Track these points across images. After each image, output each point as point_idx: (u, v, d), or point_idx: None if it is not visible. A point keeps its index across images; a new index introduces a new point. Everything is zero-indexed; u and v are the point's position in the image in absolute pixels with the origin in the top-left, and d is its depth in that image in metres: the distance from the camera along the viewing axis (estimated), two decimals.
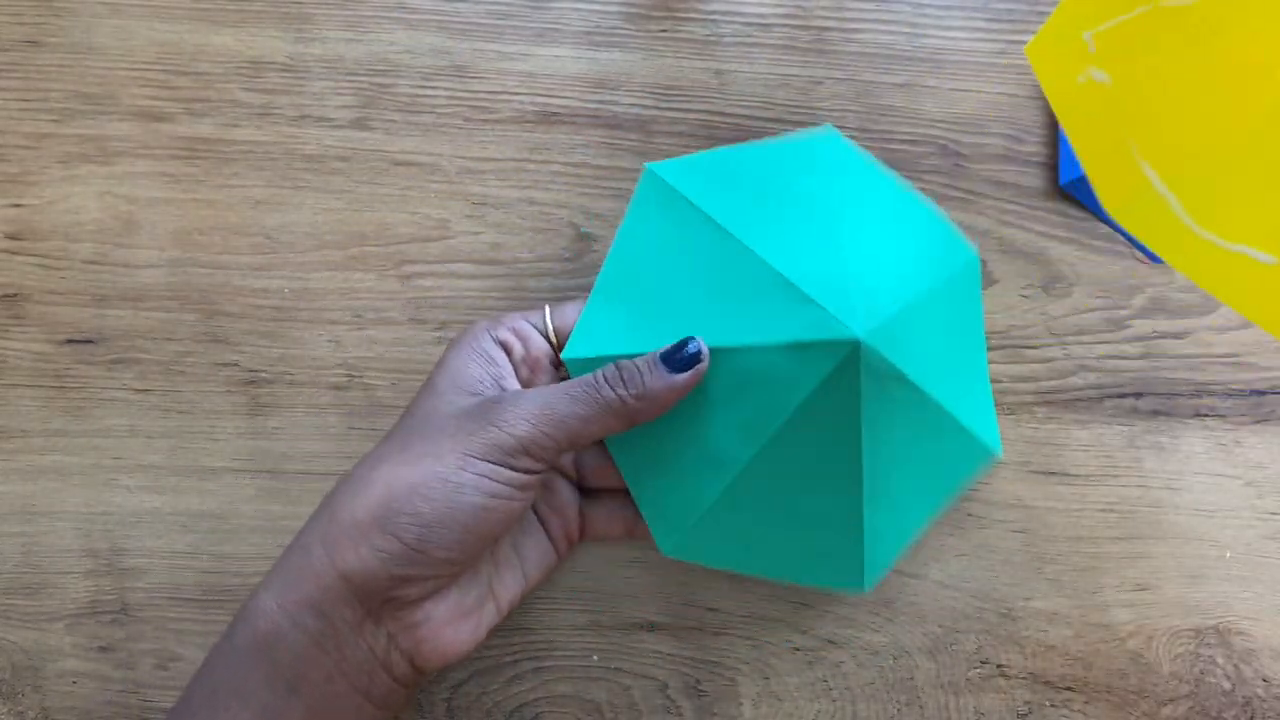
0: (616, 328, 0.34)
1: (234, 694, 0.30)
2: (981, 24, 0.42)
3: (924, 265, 0.33)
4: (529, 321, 0.35)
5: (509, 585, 0.34)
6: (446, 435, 0.31)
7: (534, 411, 0.31)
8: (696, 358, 0.32)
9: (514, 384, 0.34)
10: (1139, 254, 0.41)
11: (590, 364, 0.33)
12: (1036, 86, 0.42)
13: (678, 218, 0.34)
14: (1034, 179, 0.41)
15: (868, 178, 0.35)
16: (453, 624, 0.32)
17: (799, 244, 0.32)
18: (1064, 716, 0.38)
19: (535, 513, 0.36)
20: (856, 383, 0.30)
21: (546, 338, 0.35)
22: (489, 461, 0.30)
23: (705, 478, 0.33)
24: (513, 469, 0.30)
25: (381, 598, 0.30)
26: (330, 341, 0.39)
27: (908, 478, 0.33)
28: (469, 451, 0.30)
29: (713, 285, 0.32)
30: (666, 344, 0.32)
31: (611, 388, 0.31)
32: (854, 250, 0.31)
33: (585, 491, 0.37)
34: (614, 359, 0.33)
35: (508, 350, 0.34)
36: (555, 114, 0.40)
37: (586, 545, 0.38)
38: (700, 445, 0.33)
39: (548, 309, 0.36)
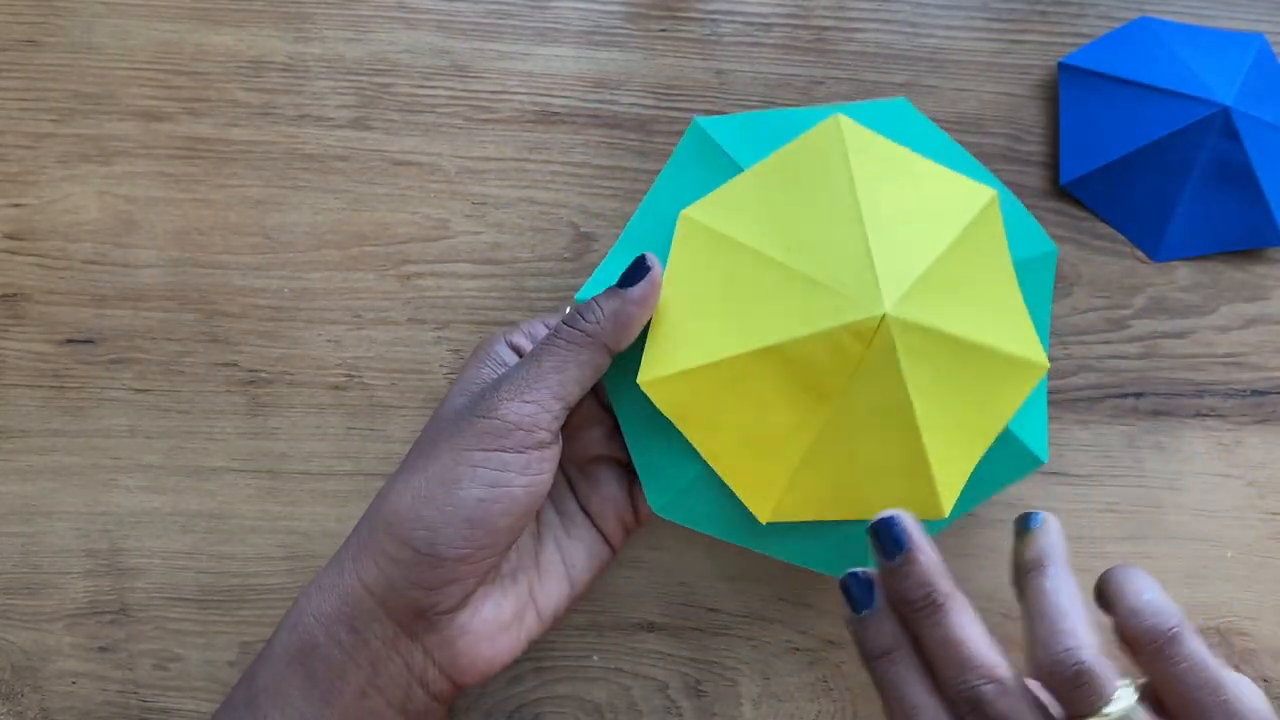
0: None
1: (273, 701, 0.30)
2: (981, 24, 0.42)
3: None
4: (546, 325, 0.35)
5: (552, 593, 0.33)
6: (444, 436, 0.31)
7: (508, 390, 0.30)
8: (643, 266, 0.31)
9: None
10: (1139, 254, 0.41)
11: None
12: (1036, 86, 0.42)
13: (716, 174, 0.34)
14: (1034, 179, 0.41)
15: (920, 142, 0.34)
16: (490, 637, 0.31)
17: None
18: None
19: (583, 509, 0.35)
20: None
21: None
22: (481, 450, 0.30)
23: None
24: (506, 450, 0.30)
25: (411, 611, 0.30)
26: (330, 341, 0.39)
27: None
28: (462, 446, 0.30)
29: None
30: None
31: (571, 325, 0.31)
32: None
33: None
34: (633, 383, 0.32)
35: (520, 352, 0.34)
36: (555, 114, 0.40)
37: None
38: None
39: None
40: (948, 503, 0.32)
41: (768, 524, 0.33)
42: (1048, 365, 0.33)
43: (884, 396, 0.30)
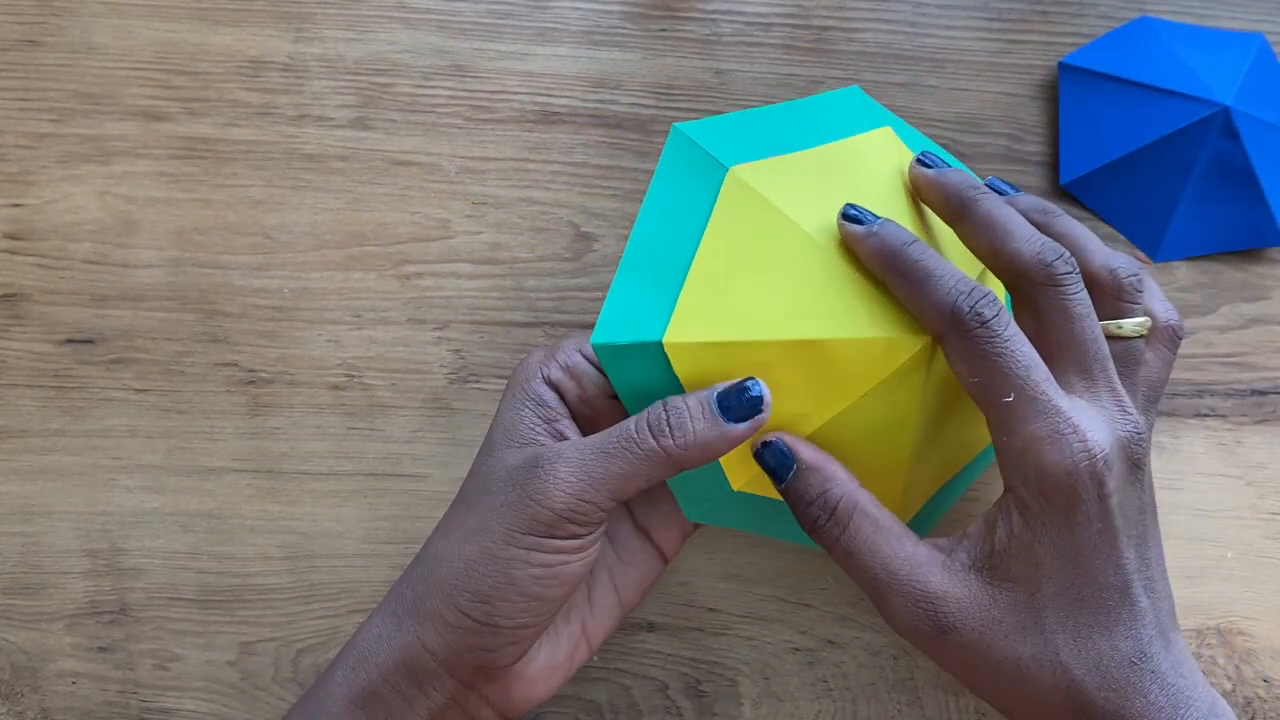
0: (648, 306, 0.31)
1: None
2: (982, 23, 0.42)
3: None
4: (583, 353, 0.32)
5: (603, 622, 0.33)
6: (495, 505, 0.30)
7: (568, 479, 0.29)
8: (758, 405, 0.29)
9: (570, 428, 0.31)
10: (1139, 253, 0.41)
11: (621, 352, 0.30)
12: (1037, 86, 0.42)
13: (709, 180, 0.32)
14: (1034, 179, 0.41)
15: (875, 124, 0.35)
16: (544, 678, 0.31)
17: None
18: None
19: (639, 528, 0.34)
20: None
21: (600, 369, 0.32)
22: (534, 535, 0.29)
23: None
24: (558, 538, 0.29)
25: (471, 669, 0.30)
26: (330, 341, 0.39)
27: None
28: (513, 527, 0.29)
29: None
30: None
31: (654, 437, 0.29)
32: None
33: None
34: (646, 345, 0.30)
35: (561, 391, 0.32)
36: (555, 114, 0.40)
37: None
38: None
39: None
40: (904, 520, 0.33)
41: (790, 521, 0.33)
42: None
43: (893, 411, 0.30)
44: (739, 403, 0.29)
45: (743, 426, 0.29)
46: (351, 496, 0.38)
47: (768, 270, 0.30)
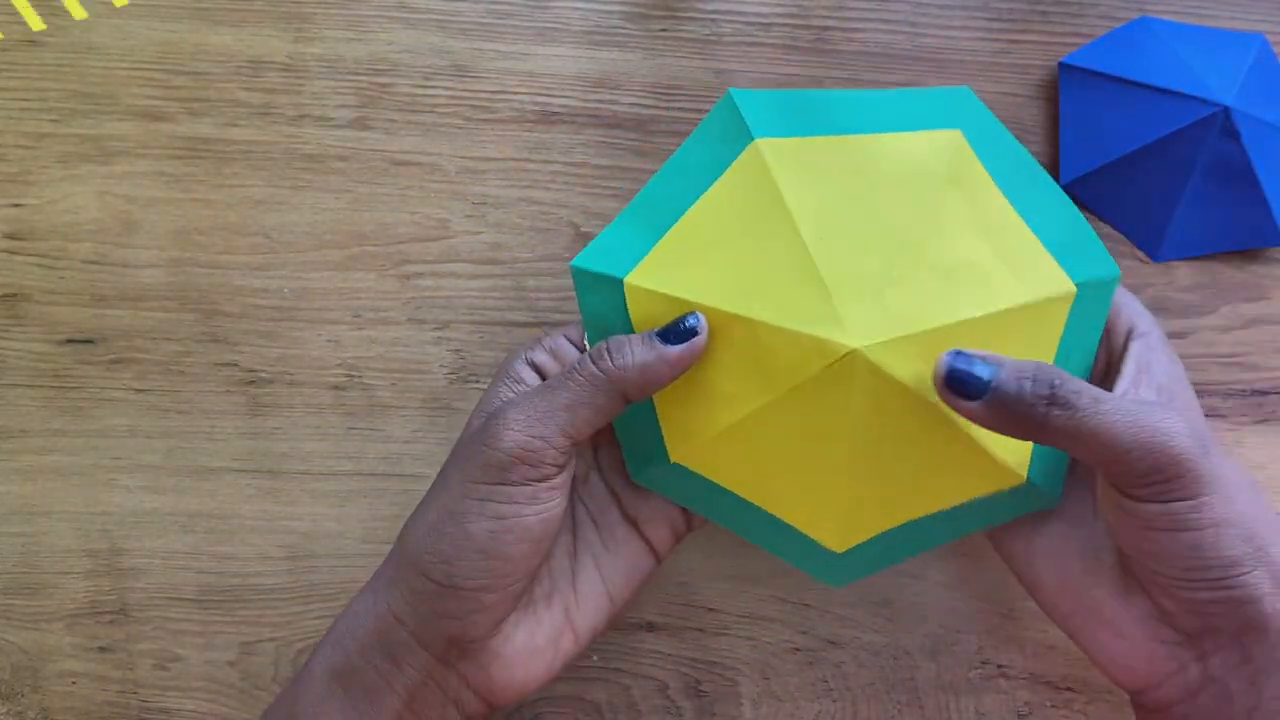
0: (630, 246, 0.32)
1: None
2: (981, 24, 0.42)
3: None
4: (568, 338, 0.33)
5: (590, 613, 0.33)
6: (455, 465, 0.31)
7: (515, 418, 0.29)
8: (693, 331, 0.30)
9: None
10: (1140, 253, 0.41)
11: (592, 279, 0.32)
12: (1037, 86, 0.42)
13: (734, 146, 0.32)
14: None
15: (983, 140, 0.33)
16: (524, 663, 0.31)
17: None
18: (1064, 717, 0.38)
19: (627, 518, 0.34)
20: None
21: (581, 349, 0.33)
22: (486, 483, 0.29)
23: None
24: (510, 484, 0.29)
25: (442, 640, 0.30)
26: (330, 341, 0.39)
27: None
28: (468, 478, 0.29)
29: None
30: None
31: (594, 362, 0.30)
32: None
33: None
34: (612, 280, 0.31)
35: (541, 370, 0.33)
36: (555, 114, 0.40)
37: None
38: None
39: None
40: (842, 542, 0.32)
41: (731, 506, 0.33)
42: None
43: (820, 418, 0.30)
44: (676, 330, 0.30)
45: (678, 348, 0.30)
46: (351, 496, 0.38)
47: (742, 243, 0.31)
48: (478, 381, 0.39)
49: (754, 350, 0.30)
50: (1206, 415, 0.40)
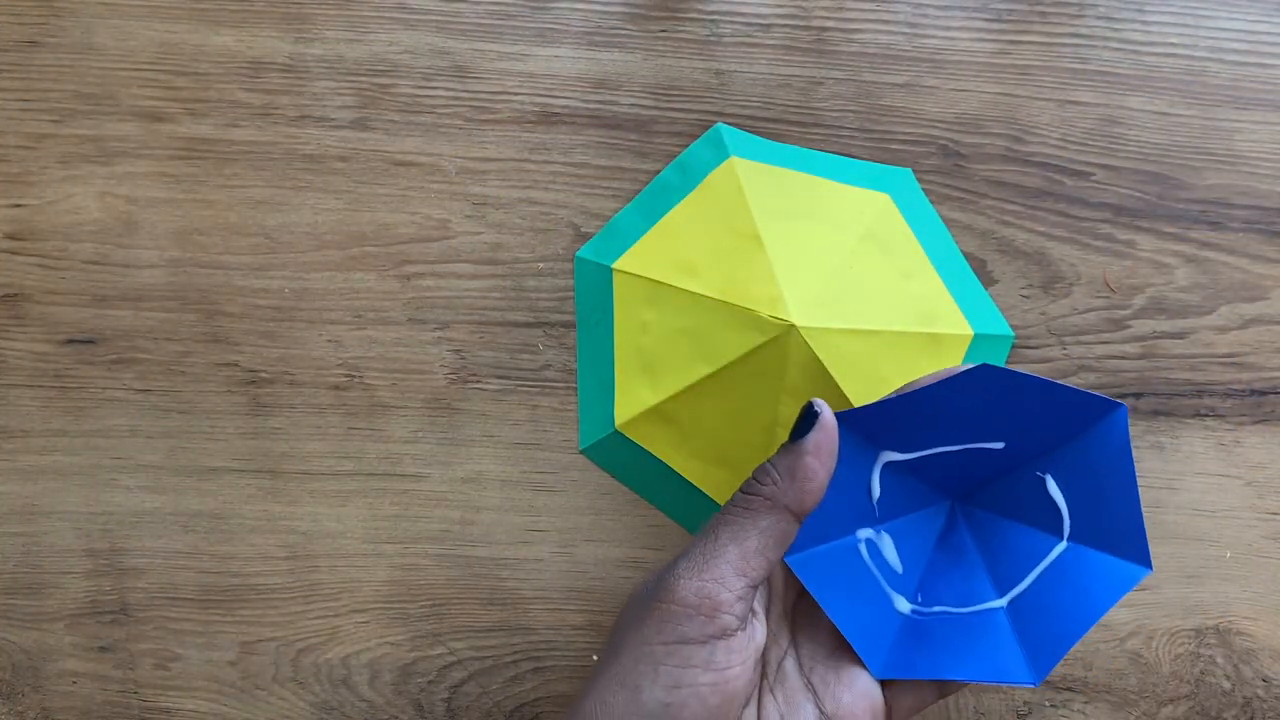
0: (623, 242, 0.38)
1: None
2: (981, 24, 0.42)
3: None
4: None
5: None
6: (625, 627, 0.28)
7: (688, 565, 0.27)
8: (815, 414, 0.28)
9: None
10: (1140, 253, 0.41)
11: (594, 269, 0.38)
12: (1037, 86, 0.42)
13: (714, 160, 0.38)
14: (1034, 179, 0.41)
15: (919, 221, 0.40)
16: None
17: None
18: (1064, 716, 0.38)
19: (823, 715, 0.29)
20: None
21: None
22: (661, 643, 0.26)
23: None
24: (687, 642, 0.26)
25: None
26: (330, 341, 0.39)
27: None
28: (641, 639, 0.27)
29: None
30: None
31: (747, 491, 0.28)
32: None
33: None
34: (601, 267, 0.37)
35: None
36: (555, 114, 0.41)
37: (584, 543, 0.38)
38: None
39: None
40: None
41: (667, 485, 0.38)
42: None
43: (755, 396, 0.35)
44: (802, 422, 0.29)
45: (811, 434, 0.28)
46: (351, 496, 0.38)
47: (709, 237, 0.37)
48: (478, 381, 0.39)
49: (700, 321, 0.35)
50: (1206, 415, 0.40)
